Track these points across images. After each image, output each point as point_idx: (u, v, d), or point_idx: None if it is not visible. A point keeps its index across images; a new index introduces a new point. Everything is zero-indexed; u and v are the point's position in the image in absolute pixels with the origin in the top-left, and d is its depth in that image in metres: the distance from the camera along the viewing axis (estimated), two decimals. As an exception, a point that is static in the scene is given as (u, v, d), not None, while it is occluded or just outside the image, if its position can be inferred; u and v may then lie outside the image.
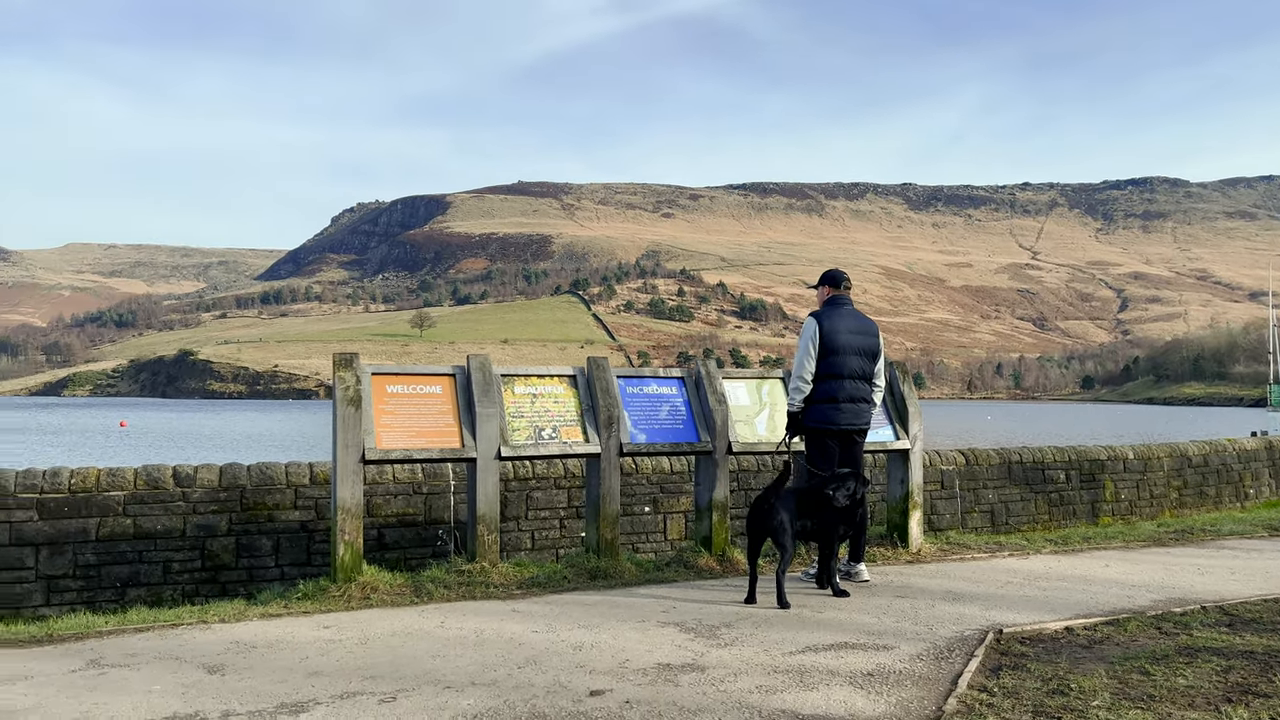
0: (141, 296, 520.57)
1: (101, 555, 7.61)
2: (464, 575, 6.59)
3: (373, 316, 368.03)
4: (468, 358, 7.26)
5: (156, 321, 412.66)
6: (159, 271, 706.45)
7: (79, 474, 7.74)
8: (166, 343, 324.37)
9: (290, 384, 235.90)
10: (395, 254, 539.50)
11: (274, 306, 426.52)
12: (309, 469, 8.39)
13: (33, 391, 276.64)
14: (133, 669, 4.63)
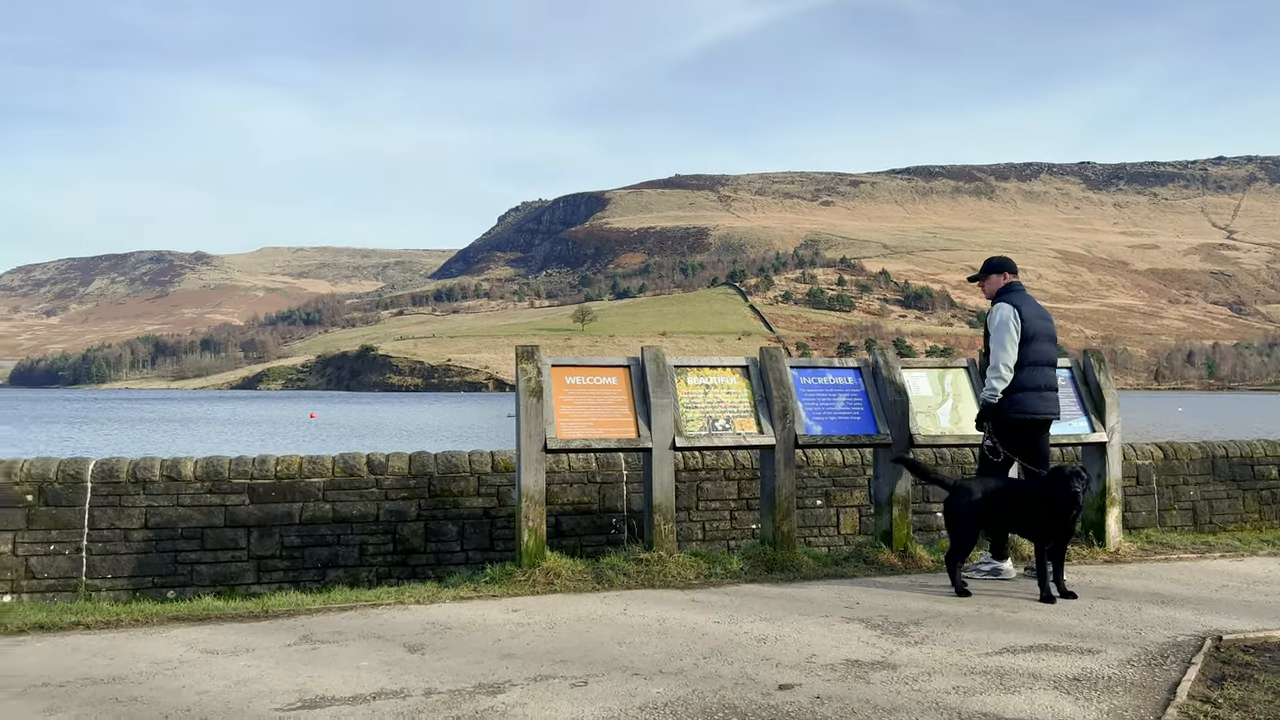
0: (326, 296, 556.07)
1: (304, 538, 8.14)
2: (642, 564, 6.66)
3: (537, 312, 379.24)
4: (641, 349, 7.32)
5: (340, 319, 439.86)
6: (342, 272, 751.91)
7: (284, 461, 8.31)
8: (349, 339, 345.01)
9: (462, 377, 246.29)
10: (558, 251, 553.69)
11: (446, 304, 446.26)
12: (490, 457, 8.68)
13: (233, 385, 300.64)
14: (341, 645, 4.92)
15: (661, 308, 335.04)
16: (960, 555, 6.23)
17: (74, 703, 4.00)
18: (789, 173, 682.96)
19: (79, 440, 48.96)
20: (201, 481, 8.03)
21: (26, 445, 43.41)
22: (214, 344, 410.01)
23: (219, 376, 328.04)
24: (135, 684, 4.27)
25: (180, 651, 4.81)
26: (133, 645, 4.96)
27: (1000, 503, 6.19)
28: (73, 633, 5.27)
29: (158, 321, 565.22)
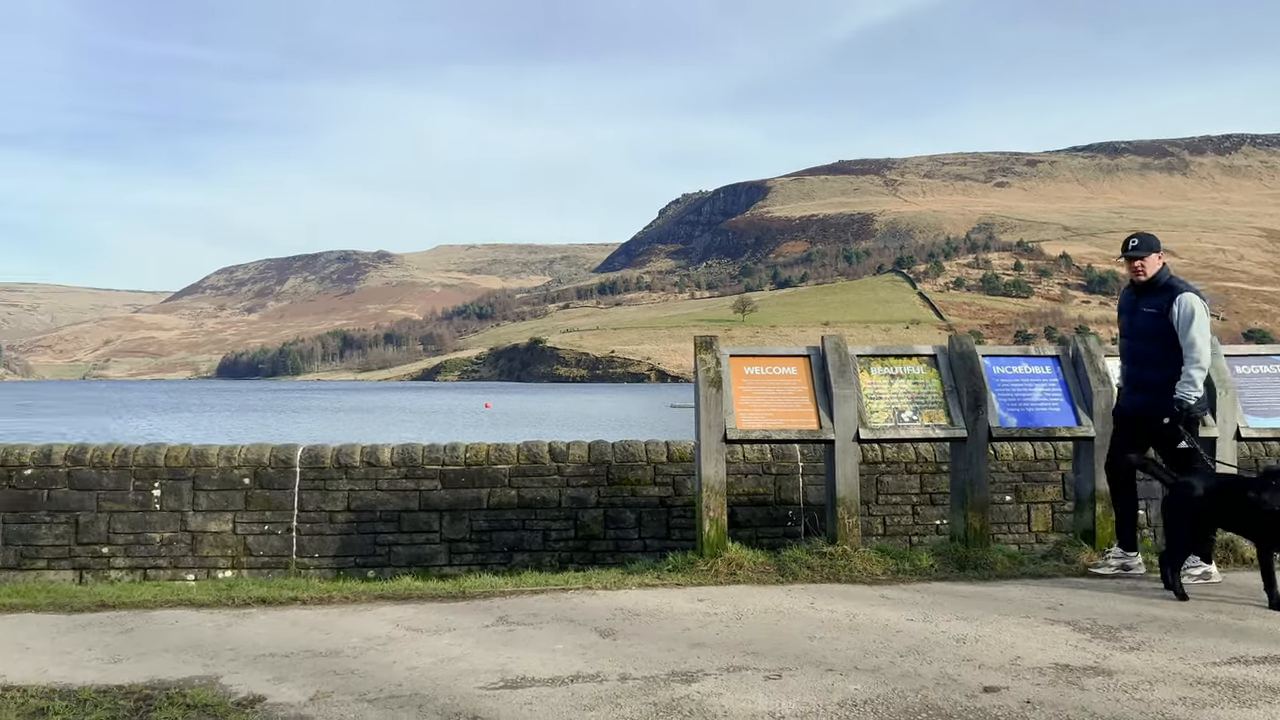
0: (497, 291, 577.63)
1: (492, 522, 8.45)
2: (825, 558, 6.53)
3: (698, 303, 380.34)
4: (822, 338, 7.18)
5: (510, 313, 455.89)
6: (511, 268, 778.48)
7: (472, 449, 8.65)
8: (519, 332, 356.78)
9: (625, 368, 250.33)
10: (718, 241, 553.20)
11: (609, 296, 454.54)
12: (666, 447, 8.74)
13: (413, 377, 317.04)
14: (535, 628, 5.06)
15: (824, 297, 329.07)
16: (1179, 556, 5.78)
17: (299, 673, 4.29)
18: (960, 154, 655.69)
19: (277, 428, 52.90)
20: (398, 467, 8.47)
21: (236, 433, 47.25)
22: (395, 338, 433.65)
23: (400, 368, 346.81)
24: (351, 658, 4.53)
25: (388, 629, 5.07)
26: (345, 621, 5.27)
27: (1221, 501, 5.70)
28: (290, 607, 5.65)
29: (345, 317, 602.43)
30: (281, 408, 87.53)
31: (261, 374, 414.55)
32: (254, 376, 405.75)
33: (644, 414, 65.53)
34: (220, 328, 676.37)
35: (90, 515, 8.10)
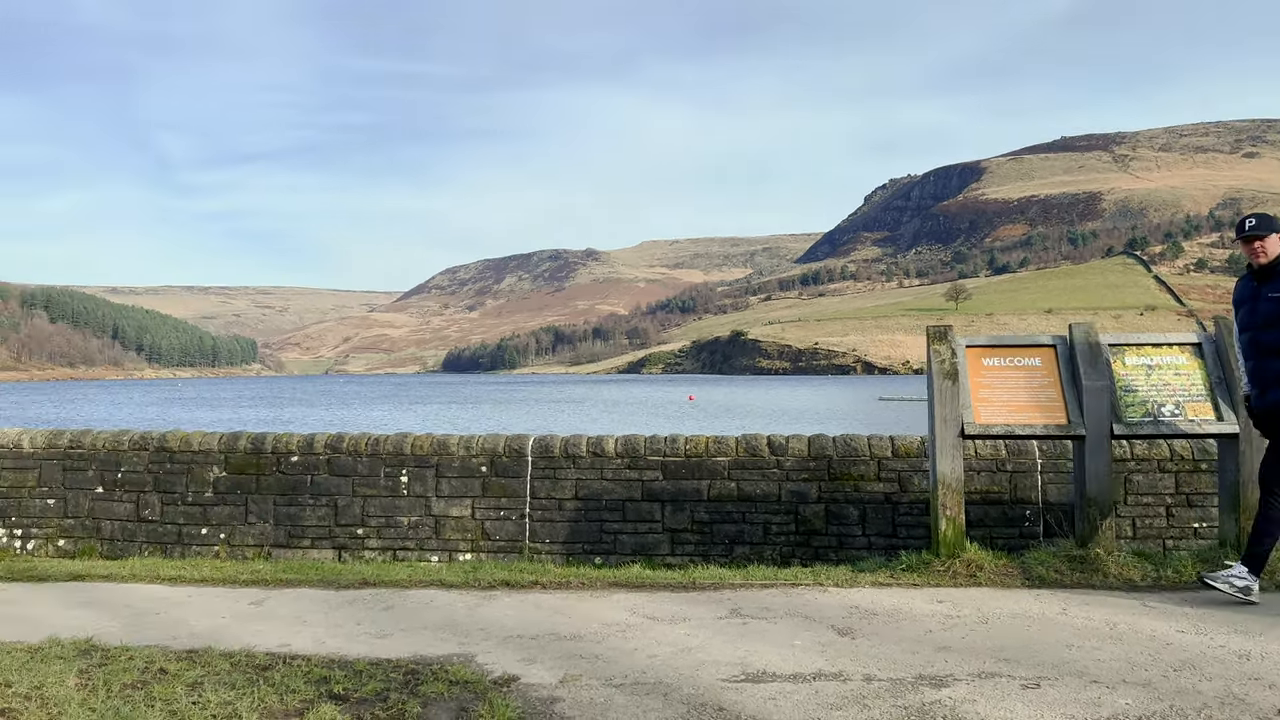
0: (700, 284, 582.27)
1: (712, 514, 8.49)
2: (1075, 561, 6.11)
3: (906, 292, 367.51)
4: (1069, 326, 6.71)
5: (712, 306, 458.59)
6: (713, 261, 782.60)
7: (692, 441, 8.72)
8: (721, 325, 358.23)
9: (829, 360, 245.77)
10: (927, 227, 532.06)
11: (812, 287, 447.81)
12: (890, 442, 8.47)
13: (620, 370, 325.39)
14: (769, 622, 5.03)
15: (1046, 282, 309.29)
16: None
17: (547, 655, 4.46)
18: (1201, 124, 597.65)
19: (498, 418, 55.62)
20: (621, 458, 8.68)
21: (461, 423, 50.12)
22: (603, 332, 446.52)
23: (608, 362, 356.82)
24: (593, 643, 4.67)
25: (625, 616, 5.19)
26: (583, 606, 5.45)
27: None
28: (532, 591, 5.90)
29: (556, 313, 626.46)
30: (501, 399, 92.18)
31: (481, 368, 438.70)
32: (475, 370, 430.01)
33: (851, 407, 64.06)
34: (444, 325, 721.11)
35: (347, 499, 8.80)
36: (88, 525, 8.99)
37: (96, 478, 9.08)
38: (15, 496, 9.17)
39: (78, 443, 9.20)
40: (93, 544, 8.88)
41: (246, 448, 8.93)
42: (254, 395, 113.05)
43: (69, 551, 8.84)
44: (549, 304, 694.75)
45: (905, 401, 68.62)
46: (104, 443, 9.16)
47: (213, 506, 8.86)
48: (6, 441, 9.27)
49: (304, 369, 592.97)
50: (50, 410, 71.34)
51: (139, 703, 3.62)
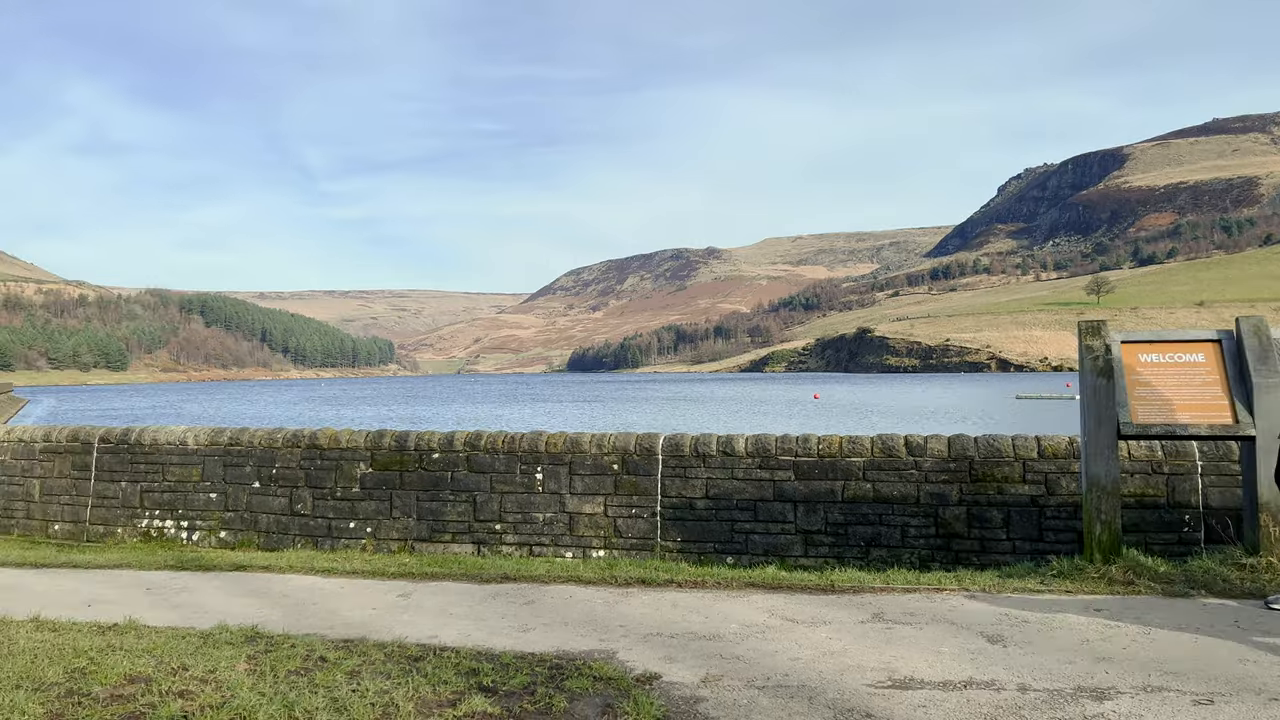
0: (824, 281, 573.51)
1: (847, 515, 8.32)
2: (1245, 570, 5.71)
3: (1043, 285, 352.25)
4: (1236, 320, 6.28)
5: (837, 303, 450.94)
6: (838, 257, 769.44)
7: (825, 440, 8.57)
8: (846, 322, 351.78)
9: (961, 357, 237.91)
10: (1066, 218, 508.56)
11: (942, 282, 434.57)
12: (1036, 443, 8.12)
13: (741, 369, 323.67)
14: (914, 627, 4.89)
15: (1197, 273, 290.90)
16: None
17: (687, 654, 4.46)
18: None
19: (623, 416, 56.12)
20: (752, 457, 8.61)
21: (586, 421, 50.81)
22: (725, 330, 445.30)
23: (730, 360, 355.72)
24: (732, 643, 4.64)
25: (763, 617, 5.15)
26: (720, 606, 5.43)
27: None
28: (668, 590, 5.91)
29: (678, 312, 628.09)
30: (625, 398, 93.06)
31: (605, 367, 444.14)
32: (598, 369, 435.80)
33: (986, 406, 61.81)
34: (569, 325, 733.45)
35: (485, 495, 9.04)
36: (246, 518, 9.52)
37: (254, 473, 9.61)
38: (182, 491, 9.80)
39: (236, 440, 9.75)
40: (251, 536, 9.40)
41: (391, 445, 9.28)
42: (391, 394, 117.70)
43: (229, 543, 9.39)
44: (671, 303, 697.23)
45: (1045, 399, 65.76)
46: (260, 440, 9.68)
47: (360, 501, 9.25)
48: (173, 439, 9.92)
49: (437, 369, 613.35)
50: (207, 409, 76.07)
51: (303, 689, 3.80)
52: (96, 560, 7.63)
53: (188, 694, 3.74)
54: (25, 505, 10.45)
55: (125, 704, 3.64)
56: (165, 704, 3.60)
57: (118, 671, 4.02)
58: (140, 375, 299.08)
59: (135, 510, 9.92)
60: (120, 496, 10.02)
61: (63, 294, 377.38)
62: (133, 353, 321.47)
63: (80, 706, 3.61)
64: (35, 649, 4.40)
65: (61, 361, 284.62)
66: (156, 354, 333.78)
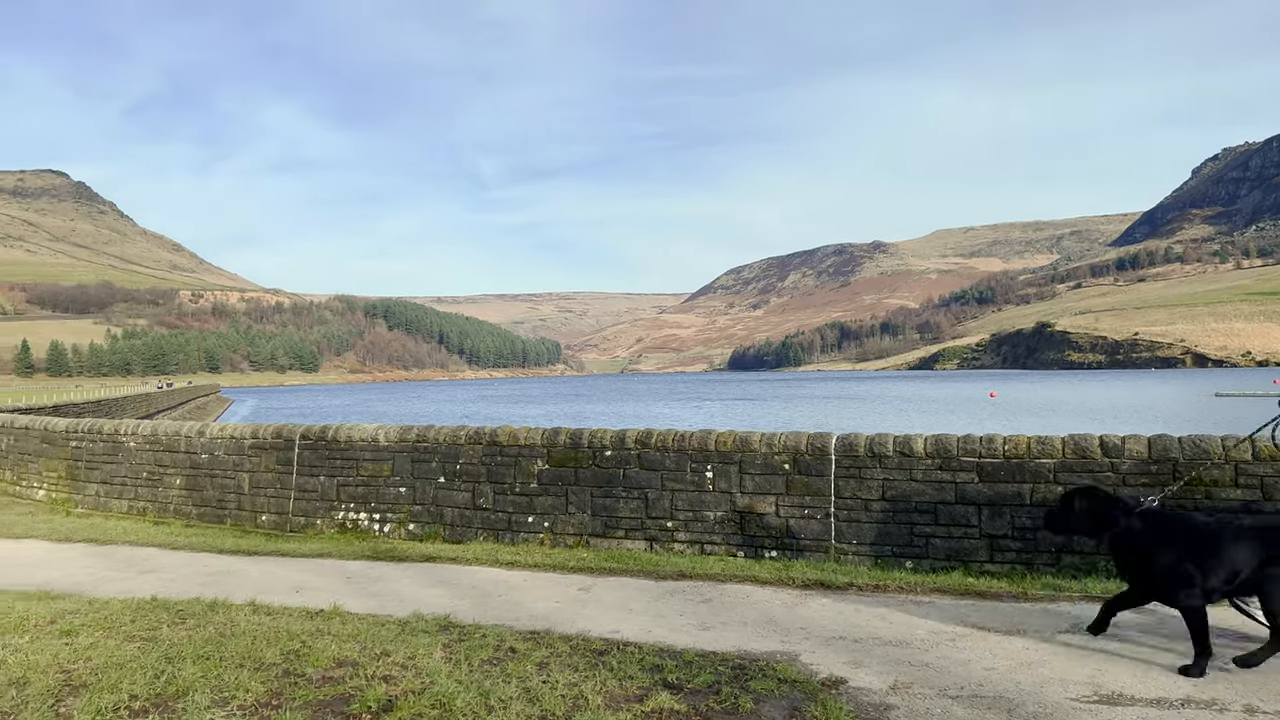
0: (998, 273, 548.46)
1: (1036, 520, 7.88)
2: None
3: (1245, 274, 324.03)
4: None
5: (1013, 296, 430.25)
6: (1013, 248, 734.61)
7: (1011, 441, 8.16)
8: (1023, 316, 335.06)
9: (1152, 352, 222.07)
10: (1271, 200, 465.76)
11: (1130, 272, 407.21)
12: (1251, 444, 7.45)
13: (910, 366, 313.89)
14: (1119, 640, 4.58)
15: None
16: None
17: (873, 659, 4.34)
18: None
19: (786, 415, 55.55)
20: (931, 458, 8.30)
21: (749, 419, 50.62)
22: (891, 327, 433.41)
23: (897, 357, 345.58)
24: (921, 650, 4.48)
25: (952, 624, 4.95)
26: (904, 611, 5.26)
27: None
28: (847, 593, 5.79)
29: (841, 309, 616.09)
30: (789, 396, 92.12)
31: (766, 365, 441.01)
32: (759, 368, 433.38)
33: (1181, 405, 57.42)
34: (730, 324, 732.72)
35: (656, 493, 9.12)
36: (432, 511, 9.98)
37: (439, 469, 10.06)
38: (374, 485, 10.39)
39: (423, 438, 10.24)
40: (437, 528, 9.85)
41: (566, 443, 9.51)
42: (558, 393, 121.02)
43: (417, 535, 9.87)
44: (834, 299, 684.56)
45: (1250, 397, 60.45)
46: (445, 438, 10.13)
47: (537, 497, 9.52)
48: (366, 436, 10.52)
49: (602, 368, 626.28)
50: (391, 407, 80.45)
51: (496, 678, 3.94)
52: (301, 549, 8.18)
53: (391, 679, 3.94)
54: (236, 497, 11.35)
55: (335, 686, 3.87)
56: (371, 687, 3.81)
57: (327, 655, 4.28)
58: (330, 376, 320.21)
59: (332, 503, 10.59)
60: (319, 490, 10.72)
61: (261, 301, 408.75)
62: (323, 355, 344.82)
63: (296, 686, 3.87)
64: (254, 631, 4.76)
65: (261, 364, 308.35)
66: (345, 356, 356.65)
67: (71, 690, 3.85)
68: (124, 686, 3.84)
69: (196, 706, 3.62)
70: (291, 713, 3.57)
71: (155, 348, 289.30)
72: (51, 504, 12.99)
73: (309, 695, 3.76)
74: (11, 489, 14.64)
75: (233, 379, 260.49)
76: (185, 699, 3.71)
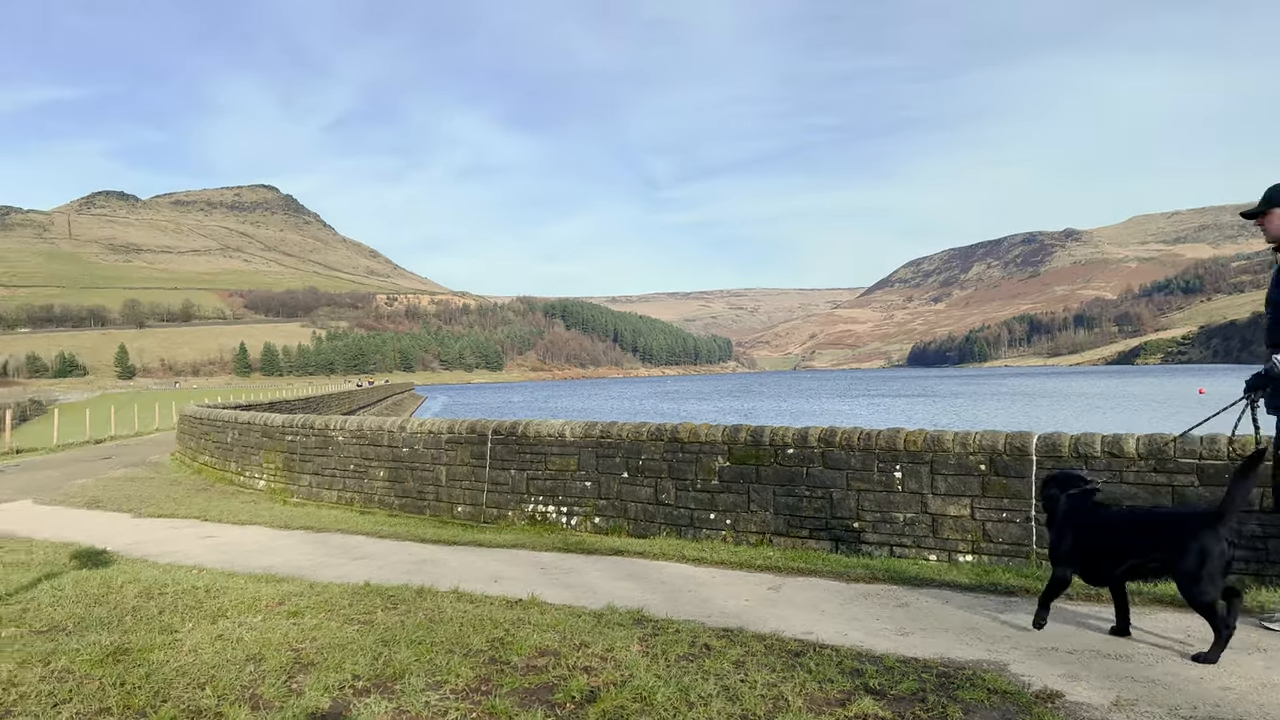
0: (1207, 260, 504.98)
1: (1268, 528, 7.20)
2: None
3: None
4: None
5: (1225, 285, 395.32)
6: (1224, 232, 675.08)
7: (1236, 442, 7.48)
8: (1236, 306, 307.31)
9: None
10: None
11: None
12: None
13: (1107, 360, 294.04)
14: (1382, 664, 4.10)
15: None
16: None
17: (1091, 674, 4.07)
18: None
19: (975, 412, 53.29)
20: (1144, 460, 7.72)
21: (931, 417, 48.93)
22: (1086, 320, 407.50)
23: (1093, 352, 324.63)
24: (1145, 665, 4.17)
25: (1178, 637, 4.60)
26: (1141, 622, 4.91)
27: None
28: (1057, 602, 5.45)
29: (1030, 301, 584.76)
30: (976, 393, 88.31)
31: (949, 361, 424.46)
32: (941, 364, 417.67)
33: None
34: (909, 318, 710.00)
35: (841, 492, 8.92)
36: (616, 506, 10.17)
37: (622, 464, 10.24)
38: (561, 479, 10.69)
39: (607, 433, 10.45)
40: (621, 523, 10.03)
41: (746, 440, 9.47)
42: (730, 389, 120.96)
43: (603, 528, 10.08)
44: (1022, 291, 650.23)
45: None
46: (627, 433, 10.29)
47: (718, 494, 9.53)
48: (553, 432, 10.84)
49: (774, 365, 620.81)
50: (570, 403, 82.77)
51: (694, 674, 3.95)
52: (495, 540, 8.52)
53: (591, 670, 4.02)
54: (434, 489, 11.96)
55: (539, 675, 3.99)
56: (574, 678, 3.90)
57: (529, 644, 4.43)
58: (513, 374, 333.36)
59: (523, 495, 10.97)
60: (510, 483, 11.14)
61: (450, 304, 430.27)
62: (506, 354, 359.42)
63: (502, 674, 4.02)
64: (460, 618, 4.98)
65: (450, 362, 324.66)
66: (526, 355, 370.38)
67: (301, 667, 4.15)
68: (347, 666, 4.10)
69: (413, 689, 3.81)
70: (500, 699, 3.70)
71: (355, 348, 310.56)
72: (270, 493, 14.12)
73: (515, 683, 3.89)
74: (237, 479, 16.02)
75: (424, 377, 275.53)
76: (402, 680, 3.92)
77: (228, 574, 6.72)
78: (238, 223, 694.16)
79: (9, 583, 6.41)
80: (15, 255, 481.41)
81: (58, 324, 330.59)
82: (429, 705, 3.65)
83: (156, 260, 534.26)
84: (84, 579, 6.45)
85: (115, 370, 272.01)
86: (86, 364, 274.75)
